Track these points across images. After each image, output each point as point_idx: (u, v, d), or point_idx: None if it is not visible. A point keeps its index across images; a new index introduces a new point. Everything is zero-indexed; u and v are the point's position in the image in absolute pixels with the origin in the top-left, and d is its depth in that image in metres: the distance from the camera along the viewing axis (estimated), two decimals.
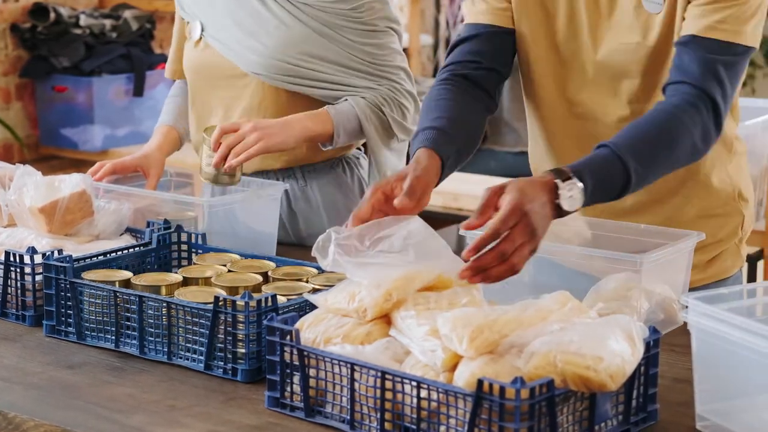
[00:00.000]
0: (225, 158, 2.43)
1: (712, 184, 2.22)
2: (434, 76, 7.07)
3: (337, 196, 2.73)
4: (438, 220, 5.22)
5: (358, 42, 2.64)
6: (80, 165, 4.99)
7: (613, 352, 1.56)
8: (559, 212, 1.85)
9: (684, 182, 2.20)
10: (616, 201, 2.05)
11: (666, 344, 1.94)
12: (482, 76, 2.19)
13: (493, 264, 1.78)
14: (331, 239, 1.79)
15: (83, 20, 5.24)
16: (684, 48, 2.04)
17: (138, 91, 5.28)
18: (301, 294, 2.02)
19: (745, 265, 4.18)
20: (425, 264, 1.78)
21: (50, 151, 5.39)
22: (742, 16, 2.03)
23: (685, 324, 1.68)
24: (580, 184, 1.85)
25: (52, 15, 5.21)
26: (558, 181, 1.84)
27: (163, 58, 5.16)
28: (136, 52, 5.28)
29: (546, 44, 2.20)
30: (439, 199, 4.72)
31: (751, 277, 4.22)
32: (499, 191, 1.83)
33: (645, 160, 1.93)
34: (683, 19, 2.08)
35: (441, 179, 2.04)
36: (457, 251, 1.85)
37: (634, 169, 1.91)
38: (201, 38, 2.69)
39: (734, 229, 2.26)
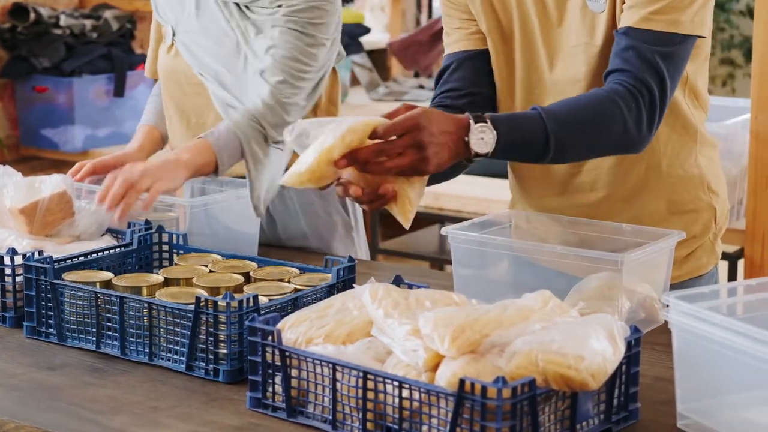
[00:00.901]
0: (114, 202, 2.27)
1: (678, 176, 2.22)
2: (416, 76, 7.11)
3: (314, 199, 2.73)
4: (419, 220, 5.23)
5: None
6: (61, 166, 4.97)
7: (594, 351, 1.56)
8: (467, 151, 1.90)
9: (647, 176, 2.21)
10: (583, 197, 2.09)
11: (647, 343, 1.95)
12: (465, 103, 2.24)
13: (369, 158, 1.83)
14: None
15: (63, 20, 5.22)
16: (623, 37, 2.06)
17: (119, 91, 5.27)
18: (282, 294, 2.02)
19: (726, 264, 4.21)
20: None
21: (31, 152, 5.37)
22: (678, 5, 2.05)
23: (666, 323, 1.69)
24: (494, 132, 1.90)
25: (32, 15, 5.19)
26: (472, 121, 1.90)
27: (144, 59, 5.11)
28: (116, 52, 5.26)
29: (504, 58, 2.24)
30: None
31: (732, 276, 4.23)
32: (413, 106, 1.89)
33: (568, 130, 1.97)
34: (622, 11, 2.09)
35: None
36: (440, 251, 1.87)
37: (553, 132, 1.95)
38: (173, 44, 2.68)
39: (707, 223, 2.26)
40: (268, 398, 1.75)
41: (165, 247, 2.32)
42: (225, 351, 1.88)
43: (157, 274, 2.16)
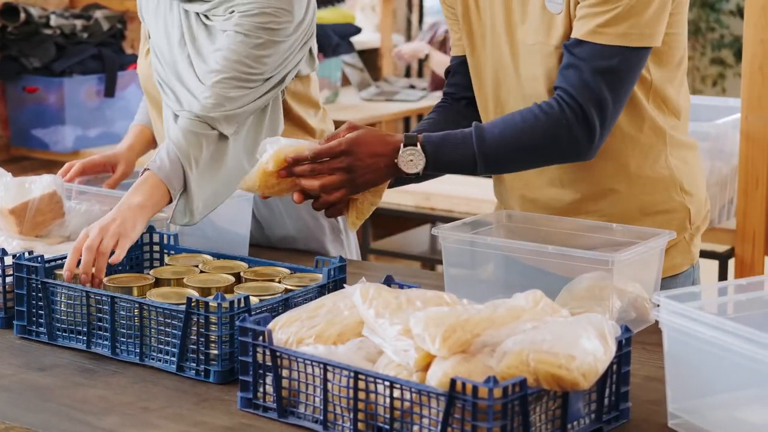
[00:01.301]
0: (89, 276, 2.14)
1: (648, 177, 2.23)
2: (406, 76, 7.11)
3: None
4: (410, 220, 5.24)
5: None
6: (51, 166, 4.96)
7: (585, 350, 1.56)
8: (397, 171, 2.07)
9: (615, 176, 2.22)
10: (553, 200, 2.22)
11: (638, 343, 1.95)
12: (464, 105, 2.38)
13: (302, 173, 2.06)
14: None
15: (54, 20, 5.21)
16: (567, 52, 2.10)
17: (109, 91, 5.26)
18: (273, 294, 2.02)
19: (716, 263, 4.22)
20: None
21: (21, 152, 5.36)
22: (628, 16, 2.05)
23: (657, 322, 1.69)
24: (422, 154, 2.07)
25: (23, 15, 5.18)
26: (402, 144, 2.07)
27: (135, 59, 5.13)
28: (107, 52, 5.25)
29: (475, 61, 2.29)
30: (411, 198, 4.73)
31: (723, 275, 4.24)
32: (351, 129, 2.09)
33: (498, 149, 2.09)
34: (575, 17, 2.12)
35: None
36: (430, 251, 1.89)
37: (482, 152, 2.08)
38: (148, 47, 2.67)
39: (681, 224, 2.27)
40: (259, 398, 1.75)
41: (156, 248, 2.32)
42: (216, 352, 1.88)
43: (148, 274, 2.16)
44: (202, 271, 2.16)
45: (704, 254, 4.22)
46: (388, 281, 1.92)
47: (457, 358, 1.57)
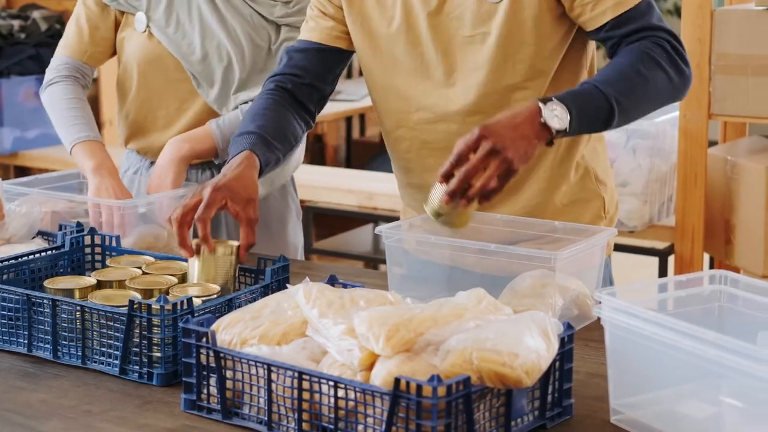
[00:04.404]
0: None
1: (565, 167, 2.29)
2: (348, 77, 7.10)
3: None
4: (353, 220, 5.23)
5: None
6: None
7: (528, 348, 1.57)
8: (545, 131, 1.96)
9: (532, 168, 2.25)
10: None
11: (580, 339, 1.97)
12: (304, 91, 2.36)
13: (459, 187, 1.91)
14: None
15: None
16: (611, 31, 2.15)
17: None
18: (216, 295, 2.01)
19: (656, 260, 4.26)
20: None
21: None
22: None
23: (599, 319, 1.71)
24: (563, 106, 1.98)
25: None
26: (540, 104, 1.97)
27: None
28: (45, 52, 5.21)
29: (382, 53, 2.29)
30: (353, 198, 4.73)
31: (663, 272, 4.28)
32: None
33: (623, 91, 2.06)
34: (563, 14, 2.17)
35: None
36: (374, 250, 1.89)
37: (613, 96, 2.04)
38: (146, 30, 2.69)
39: (596, 212, 2.32)
40: (203, 400, 1.74)
41: (98, 249, 2.30)
42: (159, 354, 1.87)
43: (90, 276, 2.15)
44: (144, 273, 2.15)
45: (644, 251, 4.27)
46: (332, 281, 1.92)
47: (401, 357, 1.58)
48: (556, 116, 1.97)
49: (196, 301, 1.94)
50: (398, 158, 2.37)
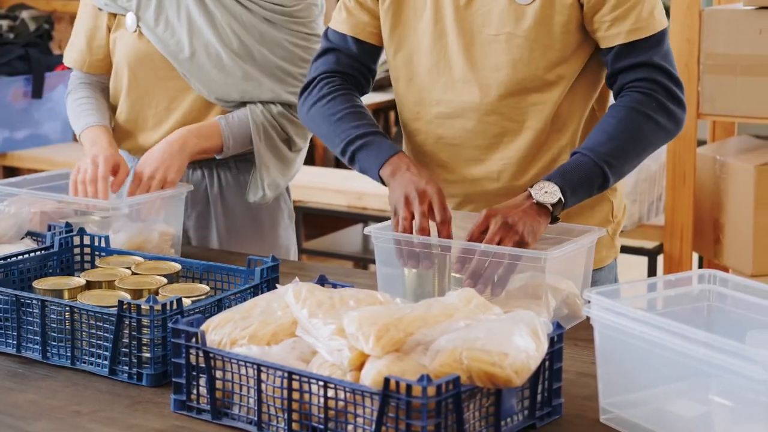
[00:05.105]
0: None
1: None
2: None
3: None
4: (343, 220, 5.23)
5: (290, 44, 2.68)
6: None
7: (518, 347, 1.57)
8: (542, 209, 2.06)
9: (549, 168, 2.25)
10: (487, 185, 2.26)
11: (570, 339, 1.97)
12: (356, 85, 2.38)
13: (479, 270, 1.98)
14: None
15: None
16: (616, 56, 2.18)
17: (37, 93, 5.20)
18: (205, 295, 2.01)
19: (645, 259, 4.26)
20: None
21: None
22: (645, 9, 2.16)
23: (588, 319, 1.71)
24: (550, 183, 2.07)
25: None
26: (529, 188, 2.08)
27: (62, 59, 5.08)
28: (34, 53, 5.20)
29: (409, 43, 2.28)
30: (343, 198, 4.72)
31: (652, 271, 4.29)
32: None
33: (613, 154, 2.12)
34: (583, 18, 2.17)
35: None
36: (363, 250, 1.88)
37: (602, 161, 2.10)
38: (137, 30, 2.69)
39: (605, 217, 2.32)
40: (193, 400, 1.74)
41: (87, 250, 2.30)
42: (148, 354, 1.86)
43: (79, 276, 2.14)
44: (133, 273, 2.15)
45: (633, 250, 4.28)
46: (321, 281, 1.92)
47: (391, 357, 1.58)
48: (546, 192, 2.07)
49: (186, 301, 1.94)
50: (413, 151, 2.36)
